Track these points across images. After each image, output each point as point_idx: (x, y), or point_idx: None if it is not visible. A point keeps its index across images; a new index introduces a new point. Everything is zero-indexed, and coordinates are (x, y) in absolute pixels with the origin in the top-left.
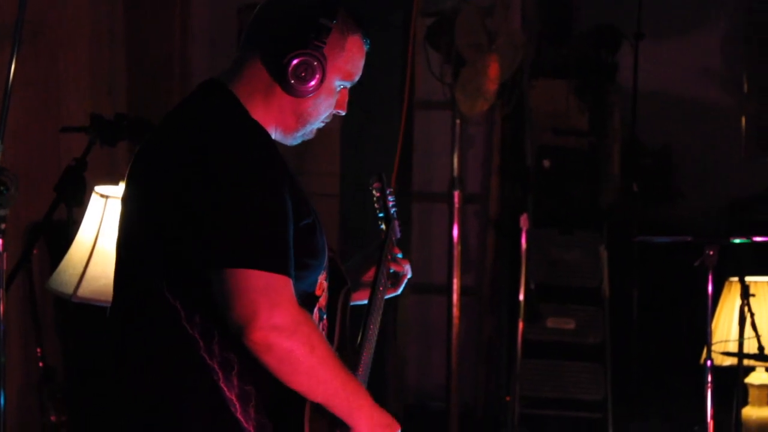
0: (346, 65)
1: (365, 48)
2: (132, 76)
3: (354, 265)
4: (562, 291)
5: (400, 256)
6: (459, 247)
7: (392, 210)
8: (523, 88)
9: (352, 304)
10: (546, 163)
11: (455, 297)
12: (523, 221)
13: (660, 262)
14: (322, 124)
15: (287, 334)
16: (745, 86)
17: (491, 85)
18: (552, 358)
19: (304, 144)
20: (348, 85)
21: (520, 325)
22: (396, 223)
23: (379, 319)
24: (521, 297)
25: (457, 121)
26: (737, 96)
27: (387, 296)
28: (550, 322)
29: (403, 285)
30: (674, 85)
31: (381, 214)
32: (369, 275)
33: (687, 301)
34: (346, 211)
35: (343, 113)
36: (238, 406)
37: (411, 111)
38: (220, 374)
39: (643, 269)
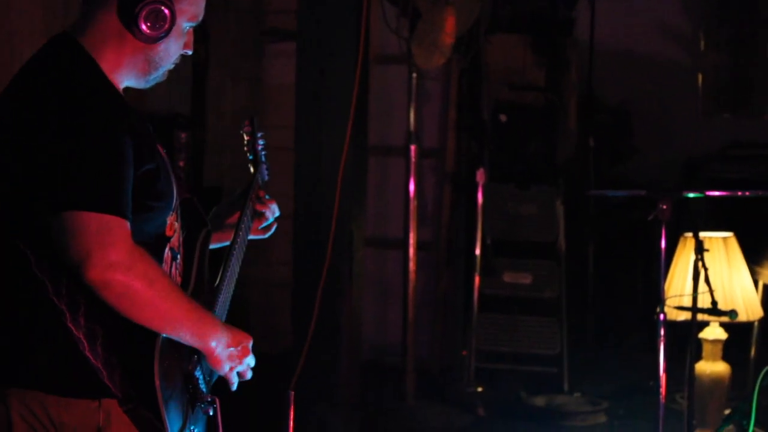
0: (191, 7)
1: None
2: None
3: (221, 209)
4: (518, 246)
5: (267, 197)
6: (415, 202)
7: (262, 153)
8: (480, 43)
9: (218, 245)
10: (503, 118)
11: (411, 251)
12: (480, 176)
13: (616, 217)
14: (173, 66)
15: (123, 269)
16: (702, 43)
17: (448, 39)
18: (508, 312)
19: (261, 97)
20: (194, 25)
21: (477, 279)
22: (263, 166)
23: (241, 257)
24: (477, 252)
25: (414, 76)
26: (694, 53)
27: (254, 237)
28: (507, 277)
29: (273, 227)
30: (631, 41)
31: (250, 157)
32: (234, 218)
33: (642, 256)
34: (302, 163)
35: (190, 53)
36: (86, 344)
37: (367, 65)
38: (67, 315)
39: (599, 224)
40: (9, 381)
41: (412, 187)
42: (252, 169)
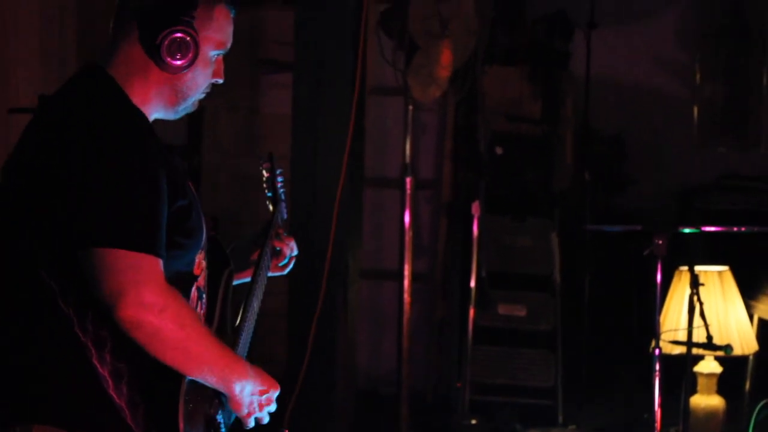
0: (217, 35)
1: (231, 15)
2: (82, 56)
3: (241, 246)
4: (513, 278)
5: (286, 234)
6: (411, 233)
7: (280, 191)
8: (476, 75)
9: (238, 282)
10: (498, 149)
11: (407, 283)
12: (475, 208)
13: (611, 250)
14: (203, 95)
15: (156, 311)
16: (698, 75)
17: (444, 72)
18: (503, 344)
19: (257, 127)
20: (222, 53)
21: (472, 311)
22: (282, 204)
23: (260, 296)
24: (473, 283)
25: (410, 107)
26: (690, 84)
27: (273, 274)
28: (502, 309)
29: (291, 264)
30: (627, 74)
31: (269, 194)
32: (254, 255)
33: (638, 290)
34: (297, 194)
35: (221, 81)
36: (110, 382)
37: (363, 96)
38: (93, 351)
39: (594, 257)
40: (31, 417)
41: (407, 218)
42: (271, 207)
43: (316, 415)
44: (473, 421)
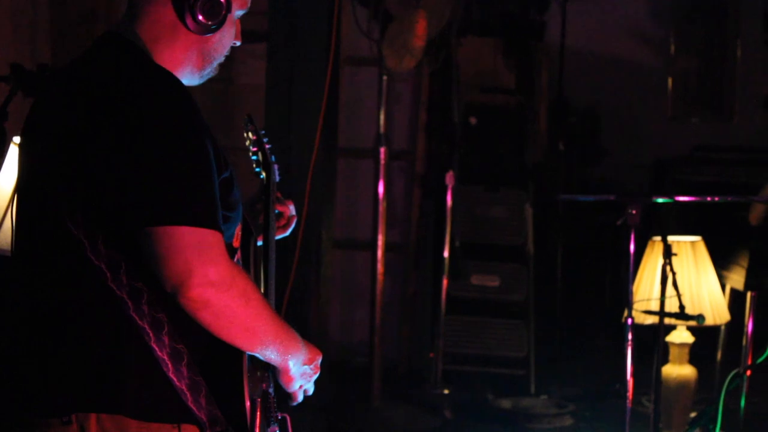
0: None
1: None
2: (55, 26)
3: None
4: (486, 248)
5: (282, 197)
6: (384, 204)
7: (270, 153)
8: (451, 46)
9: None
10: (473, 120)
11: (380, 253)
12: (449, 178)
13: (584, 221)
14: (223, 59)
15: (224, 288)
16: (672, 47)
17: (418, 42)
18: (476, 314)
19: (231, 97)
20: (244, 13)
21: (445, 282)
22: (275, 166)
23: (274, 259)
24: (446, 254)
25: (384, 78)
26: (664, 56)
27: (277, 237)
28: (475, 279)
29: (292, 225)
30: (602, 45)
31: (255, 158)
32: (260, 219)
33: (611, 260)
34: None
35: (239, 44)
36: (170, 365)
37: (337, 67)
38: (151, 334)
39: (567, 227)
40: (89, 405)
41: (381, 189)
42: (262, 171)
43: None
44: (446, 391)
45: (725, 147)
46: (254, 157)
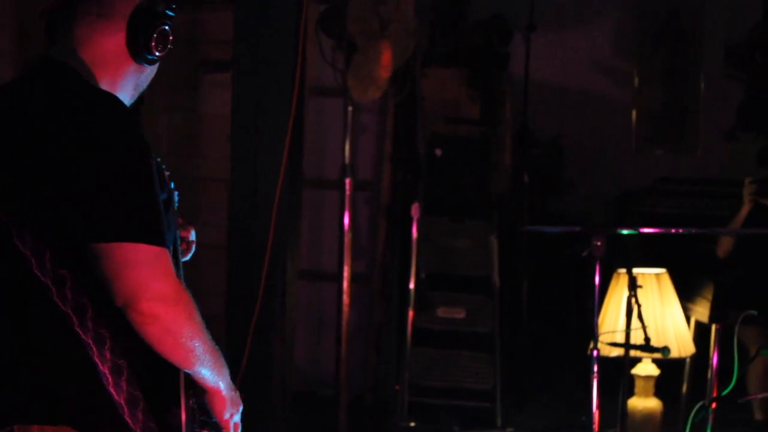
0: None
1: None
2: (24, 38)
3: None
4: (452, 279)
5: (186, 222)
6: (350, 235)
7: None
8: (416, 76)
9: None
10: (438, 151)
11: (345, 284)
12: (415, 210)
13: (549, 252)
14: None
15: (172, 303)
16: (636, 79)
17: (383, 72)
18: (442, 347)
19: (196, 127)
20: None
21: (411, 313)
22: (175, 192)
23: None
24: (412, 285)
25: (349, 108)
26: (628, 88)
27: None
28: (441, 311)
29: (192, 250)
30: (566, 77)
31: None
32: None
33: (576, 292)
34: (236, 195)
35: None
36: (110, 379)
37: (302, 97)
38: (94, 349)
39: (533, 259)
40: (31, 416)
41: (346, 219)
42: None
43: (254, 416)
44: (412, 424)
45: (689, 179)
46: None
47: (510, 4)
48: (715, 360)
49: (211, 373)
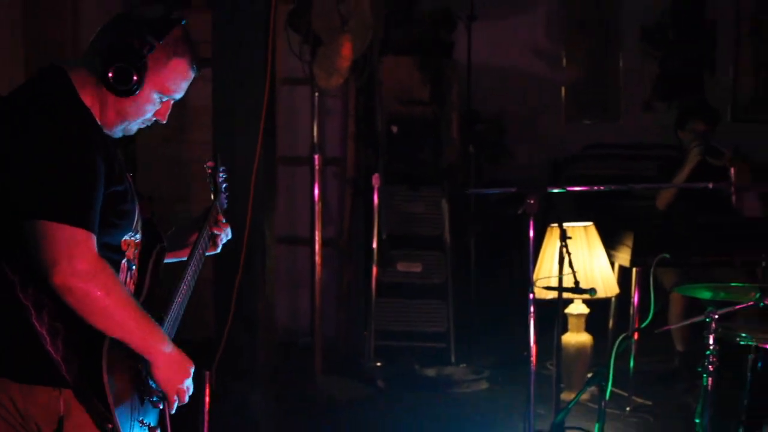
0: (166, 82)
1: (191, 73)
2: (30, 65)
3: (183, 228)
4: (409, 239)
5: (224, 221)
6: (320, 204)
7: (222, 185)
8: (373, 64)
9: (176, 260)
10: (394, 129)
11: (317, 247)
12: (375, 180)
13: (493, 213)
14: (143, 125)
15: (85, 278)
16: (564, 61)
17: (345, 62)
18: (402, 297)
19: (184, 116)
20: (167, 99)
21: (374, 270)
22: (223, 195)
23: (197, 273)
24: (375, 246)
25: (316, 94)
26: (558, 69)
27: (208, 254)
28: (400, 266)
29: (220, 245)
30: (504, 60)
31: (212, 188)
32: (193, 237)
33: (516, 244)
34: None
35: (163, 122)
36: (48, 339)
37: (274, 86)
38: (33, 312)
39: (479, 219)
40: None
41: (316, 191)
42: (213, 197)
43: (242, 365)
44: (378, 364)
45: (612, 144)
46: (211, 188)
47: None
48: (636, 298)
49: (138, 342)
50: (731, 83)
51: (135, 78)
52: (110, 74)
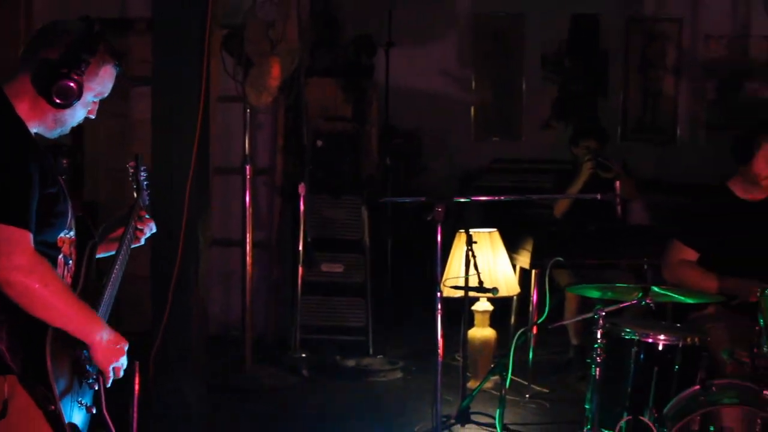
0: (99, 86)
1: (115, 72)
2: None
3: (110, 225)
4: (332, 242)
5: (147, 217)
6: (251, 210)
7: (144, 183)
8: (301, 85)
9: (106, 254)
10: (319, 143)
11: (249, 249)
12: (301, 189)
13: (408, 219)
14: (77, 124)
15: (24, 272)
16: (473, 84)
17: (274, 82)
18: (325, 294)
19: (127, 130)
20: (99, 99)
21: (300, 269)
22: (144, 192)
23: (124, 265)
24: (301, 248)
25: (248, 111)
26: (467, 91)
27: (133, 246)
28: (324, 267)
29: (143, 238)
30: (419, 83)
31: (134, 186)
32: (118, 233)
33: (428, 248)
34: (157, 182)
35: (93, 117)
36: None
37: (208, 103)
38: None
39: (395, 225)
40: None
41: (248, 198)
42: (135, 195)
43: (176, 355)
44: (303, 355)
45: (516, 159)
46: (134, 186)
47: (373, 25)
48: (534, 297)
49: (77, 329)
50: (621, 106)
51: (76, 93)
52: (53, 94)
